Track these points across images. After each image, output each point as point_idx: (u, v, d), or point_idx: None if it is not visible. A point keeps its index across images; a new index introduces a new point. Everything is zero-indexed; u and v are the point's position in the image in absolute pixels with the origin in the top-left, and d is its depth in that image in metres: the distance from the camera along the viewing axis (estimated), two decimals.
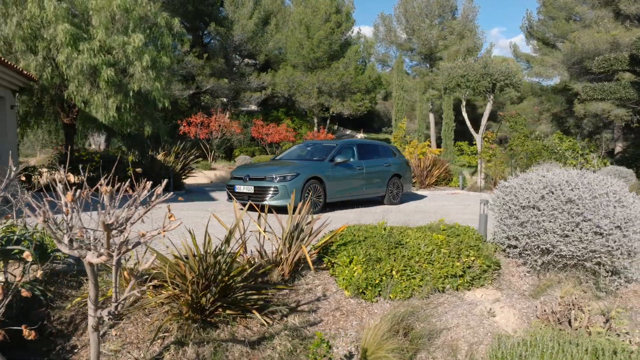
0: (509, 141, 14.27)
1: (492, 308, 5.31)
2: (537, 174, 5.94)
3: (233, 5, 31.31)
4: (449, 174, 17.03)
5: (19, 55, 13.10)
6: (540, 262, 5.63)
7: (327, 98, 31.92)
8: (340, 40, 32.20)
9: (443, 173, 16.58)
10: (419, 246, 5.34)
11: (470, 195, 15.53)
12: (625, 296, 5.74)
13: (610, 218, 5.26)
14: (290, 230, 5.12)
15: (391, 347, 4.34)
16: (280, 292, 4.97)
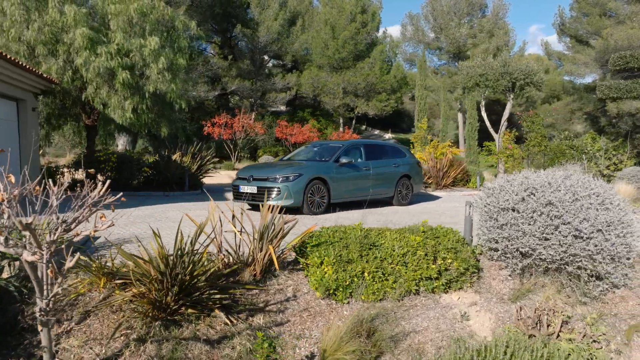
0: (525, 141, 13.95)
1: (468, 312, 5.24)
2: (522, 175, 5.81)
3: (259, 7, 31.63)
4: (467, 174, 16.75)
5: (41, 59, 13.56)
6: (520, 266, 5.50)
7: (352, 98, 31.89)
8: (365, 40, 32.10)
9: (460, 174, 16.32)
10: (393, 248, 5.30)
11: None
12: (612, 302, 5.56)
13: (591, 221, 5.10)
14: (261, 231, 5.16)
15: (351, 349, 4.33)
16: (250, 292, 5.02)
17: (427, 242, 5.48)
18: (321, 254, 5.18)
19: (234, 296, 4.89)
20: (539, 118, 13.83)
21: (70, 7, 12.99)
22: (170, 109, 15.45)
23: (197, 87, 27.58)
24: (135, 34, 13.99)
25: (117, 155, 13.79)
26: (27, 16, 13.30)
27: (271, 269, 5.33)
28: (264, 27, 30.43)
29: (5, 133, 12.26)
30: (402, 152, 12.75)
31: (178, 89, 14.65)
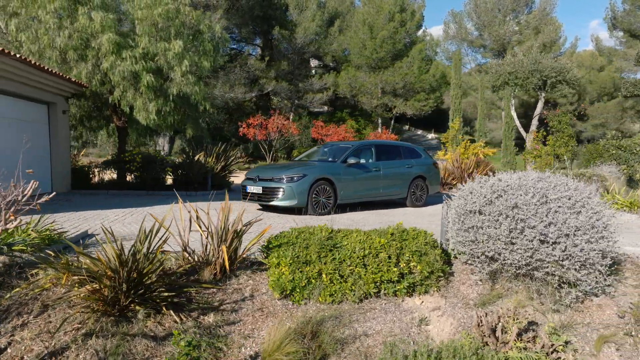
0: (551, 141, 13.41)
1: (429, 316, 5.13)
2: (496, 177, 5.64)
3: (297, 8, 31.88)
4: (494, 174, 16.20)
5: (72, 64, 14.21)
6: (487, 270, 5.33)
7: (391, 98, 31.62)
8: (404, 39, 31.76)
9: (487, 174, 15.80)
10: (354, 249, 5.25)
11: None
12: (588, 310, 5.29)
13: (558, 225, 4.88)
14: (219, 231, 5.24)
15: (291, 350, 4.34)
16: (207, 290, 5.11)
17: (392, 244, 5.40)
18: (279, 254, 5.20)
19: (188, 294, 4.99)
20: (565, 117, 13.24)
21: (97, 14, 13.53)
22: (195, 111, 15.81)
23: (235, 89, 28.13)
24: (160, 38, 14.41)
25: (141, 155, 14.26)
26: (60, 23, 13.95)
27: (232, 269, 5.40)
28: (301, 29, 30.64)
29: (37, 135, 12.91)
30: (417, 152, 12.56)
31: (202, 90, 14.97)
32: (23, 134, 12.16)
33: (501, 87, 16.73)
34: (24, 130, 12.27)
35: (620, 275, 5.92)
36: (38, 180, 13.05)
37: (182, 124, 16.10)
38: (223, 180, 15.83)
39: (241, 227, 5.36)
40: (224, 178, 15.87)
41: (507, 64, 16.21)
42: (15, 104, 11.83)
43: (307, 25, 30.64)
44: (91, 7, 13.88)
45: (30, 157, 12.49)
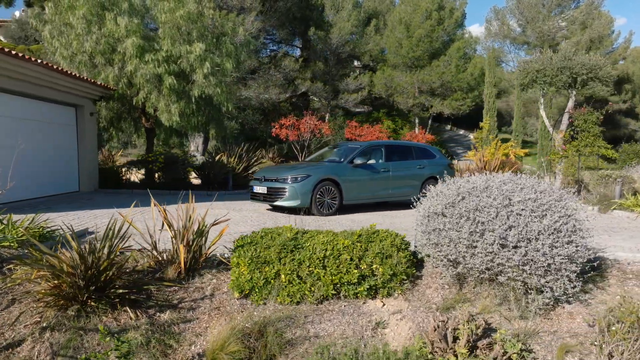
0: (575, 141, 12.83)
1: (388, 320, 5.06)
2: (465, 179, 5.49)
3: (333, 9, 31.87)
4: None
5: (100, 68, 14.79)
6: (451, 274, 5.20)
7: (427, 97, 31.13)
8: (441, 37, 31.18)
9: None
10: (314, 250, 5.24)
11: None
12: (558, 318, 5.08)
13: (519, 229, 4.71)
14: (180, 230, 5.34)
15: (234, 349, 4.39)
16: (169, 288, 5.23)
17: (356, 245, 5.35)
18: (240, 254, 5.25)
19: (149, 292, 5.12)
20: (592, 116, 12.64)
21: (122, 19, 14.02)
22: (217, 112, 16.11)
23: (269, 90, 28.41)
24: (183, 41, 14.76)
25: (164, 156, 14.66)
26: (88, 29, 14.53)
27: (197, 267, 5.50)
28: (336, 29, 30.60)
29: (65, 137, 13.52)
30: (431, 153, 12.35)
31: (224, 92, 15.23)
32: (51, 136, 12.80)
33: (529, 86, 16.19)
34: (53, 133, 12.89)
35: (604, 282, 5.65)
36: (66, 180, 13.72)
37: (205, 125, 16.44)
38: (245, 180, 16.07)
39: (202, 227, 5.45)
40: (246, 178, 16.09)
41: (535, 61, 15.64)
42: (43, 108, 12.41)
43: (342, 25, 30.55)
44: (118, 13, 14.40)
45: (58, 158, 13.12)
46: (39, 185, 12.17)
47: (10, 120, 11.14)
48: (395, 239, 5.58)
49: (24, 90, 11.31)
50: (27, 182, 11.59)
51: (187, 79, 15.10)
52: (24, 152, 11.66)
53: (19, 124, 11.45)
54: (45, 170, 12.46)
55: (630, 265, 6.01)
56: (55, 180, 12.98)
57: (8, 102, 11.01)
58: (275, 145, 29.08)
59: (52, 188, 12.84)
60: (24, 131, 11.65)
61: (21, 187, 11.34)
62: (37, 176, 12.05)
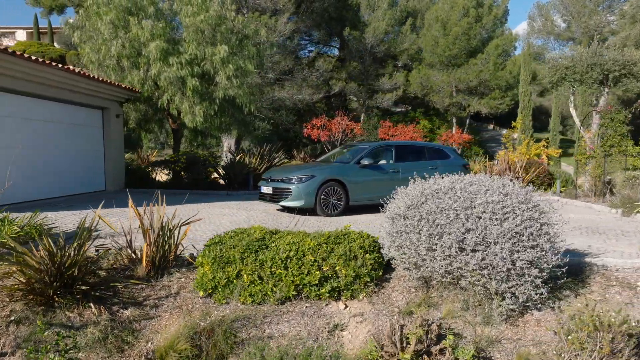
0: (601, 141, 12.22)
1: (348, 322, 5.01)
2: (432, 180, 5.37)
3: (369, 8, 31.73)
4: (551, 177, 15.16)
5: (127, 71, 15.29)
6: (415, 277, 5.09)
7: (464, 96, 30.50)
8: (479, 35, 30.48)
9: (539, 177, 14.82)
10: (278, 251, 5.25)
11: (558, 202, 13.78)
12: (525, 325, 4.89)
13: (477, 232, 4.57)
14: (147, 229, 5.46)
15: (183, 347, 4.46)
16: (137, 286, 5.36)
17: (322, 246, 5.33)
18: (204, 254, 5.33)
19: (116, 289, 5.27)
20: (619, 115, 12.00)
21: (147, 23, 14.45)
22: (240, 113, 16.33)
23: (303, 90, 28.57)
24: (207, 43, 15.06)
25: (186, 156, 15.00)
26: (115, 33, 15.05)
27: (167, 266, 5.62)
28: (371, 28, 30.46)
29: (92, 138, 14.07)
30: (445, 153, 12.11)
31: (246, 93, 15.44)
32: (79, 138, 13.36)
33: (558, 83, 15.55)
34: (80, 134, 13.45)
35: (585, 288, 5.41)
36: (92, 179, 14.25)
37: (229, 126, 16.71)
38: None
39: (167, 226, 5.55)
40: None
41: (564, 58, 15.01)
42: (71, 110, 12.99)
43: (377, 24, 30.39)
44: (144, 17, 14.85)
45: (85, 158, 13.68)
46: (66, 184, 12.74)
47: (41, 124, 11.75)
48: (365, 241, 5.52)
49: (53, 95, 11.88)
50: (56, 181, 12.19)
51: (210, 81, 15.40)
52: (54, 153, 12.26)
53: (49, 126, 12.05)
54: (72, 170, 13.02)
55: (618, 272, 5.72)
56: (83, 179, 13.54)
57: (36, 106, 11.60)
58: (309, 146, 29.24)
59: (79, 187, 13.39)
60: (54, 133, 12.23)
61: (49, 185, 11.94)
62: (65, 176, 12.62)
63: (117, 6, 14.81)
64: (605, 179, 12.25)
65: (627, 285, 5.39)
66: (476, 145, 32.71)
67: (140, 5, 15.09)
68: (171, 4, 16.42)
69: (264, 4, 27.10)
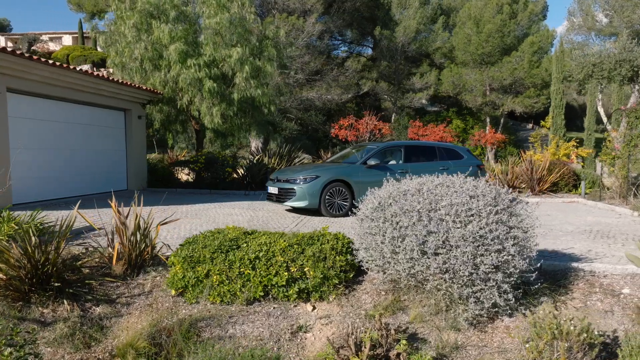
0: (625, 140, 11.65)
1: (313, 324, 4.98)
2: (404, 181, 5.26)
3: (400, 7, 31.39)
4: (577, 178, 14.58)
5: (149, 73, 15.65)
6: (382, 279, 5.00)
7: (498, 95, 29.74)
8: (514, 32, 29.64)
9: (564, 178, 14.28)
10: (247, 252, 5.25)
11: (580, 203, 13.26)
12: (494, 331, 4.73)
13: (439, 235, 4.45)
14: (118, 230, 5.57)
15: (141, 345, 4.53)
16: (113, 284, 5.48)
17: (294, 247, 5.31)
18: (177, 253, 5.40)
19: (91, 286, 5.40)
20: None
21: (166, 26, 14.76)
22: (260, 114, 16.45)
23: (331, 91, 28.52)
24: (225, 45, 15.25)
25: (205, 157, 15.23)
26: (138, 36, 15.43)
27: (143, 265, 5.72)
28: (401, 27, 30.12)
29: (114, 139, 14.48)
30: (458, 153, 11.86)
31: (264, 93, 15.55)
32: (102, 139, 13.79)
33: (585, 81, 14.91)
34: (103, 135, 13.88)
35: (566, 295, 5.20)
36: (115, 179, 14.66)
37: (249, 127, 16.86)
38: None
39: (138, 226, 5.64)
40: None
41: (592, 55, 14.38)
42: (94, 113, 13.43)
43: (408, 23, 30.01)
44: (165, 21, 15.16)
45: (108, 159, 14.10)
46: (88, 184, 13.17)
47: (63, 125, 12.22)
48: (338, 242, 5.47)
49: (75, 97, 12.31)
50: (77, 180, 12.63)
51: (228, 82, 15.59)
52: (76, 153, 12.70)
53: (71, 127, 12.50)
54: (94, 170, 13.44)
55: (606, 278, 5.46)
56: (105, 179, 13.95)
57: (59, 108, 12.07)
58: (338, 146, 29.14)
59: (102, 186, 13.79)
60: (76, 134, 12.67)
61: (71, 185, 12.37)
62: (87, 175, 13.06)
63: (140, 10, 15.18)
64: (630, 180, 11.71)
65: (611, 293, 5.14)
66: (511, 145, 31.87)
67: (162, 8, 15.41)
68: (195, 6, 16.70)
69: (293, 5, 27.22)
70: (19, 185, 10.45)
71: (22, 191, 10.47)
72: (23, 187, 10.56)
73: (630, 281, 5.32)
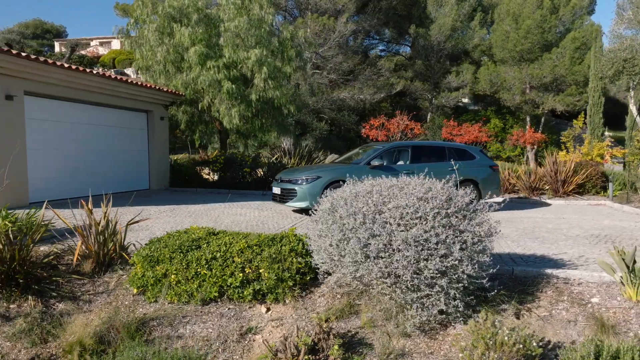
0: None
1: (265, 326, 4.94)
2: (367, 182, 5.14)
3: (436, 4, 30.83)
4: (605, 180, 13.84)
5: (172, 75, 16.01)
6: (332, 282, 4.90)
7: (538, 93, 28.69)
8: (555, 28, 28.53)
9: (591, 179, 13.59)
10: (204, 252, 5.27)
11: (606, 206, 12.61)
12: (445, 339, 4.55)
13: (382, 238, 4.32)
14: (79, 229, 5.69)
15: (89, 343, 4.62)
16: (80, 281, 5.61)
17: (251, 248, 5.28)
18: (139, 252, 5.47)
19: (58, 283, 5.55)
20: None
21: (186, 29, 15.04)
22: (279, 114, 16.51)
23: (363, 91, 28.32)
24: (245, 47, 15.41)
25: (224, 157, 15.44)
26: (161, 40, 15.81)
27: (111, 263, 5.83)
28: (436, 25, 29.58)
29: (137, 140, 14.90)
30: (469, 154, 11.51)
31: (284, 95, 15.61)
32: (125, 140, 14.24)
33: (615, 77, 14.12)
34: (126, 136, 14.33)
35: (533, 302, 4.95)
36: (137, 178, 15.09)
37: (269, 128, 16.96)
38: None
39: (106, 226, 5.75)
40: None
41: (622, 50, 13.60)
42: (118, 114, 13.91)
43: (443, 21, 29.43)
44: (186, 24, 15.45)
45: (131, 159, 14.53)
46: (111, 183, 13.58)
47: (86, 127, 12.72)
48: (299, 244, 5.40)
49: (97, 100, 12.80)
50: (99, 180, 13.06)
51: (247, 83, 15.73)
52: (99, 154, 13.16)
53: (94, 129, 12.98)
54: (117, 170, 13.88)
55: (580, 286, 5.16)
56: (127, 179, 14.38)
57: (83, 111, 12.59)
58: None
59: (124, 186, 14.22)
60: (99, 136, 13.15)
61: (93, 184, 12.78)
62: (109, 175, 13.50)
63: (162, 14, 15.54)
64: None
65: (579, 301, 4.85)
66: (553, 145, 30.68)
67: (185, 12, 15.71)
68: (218, 9, 16.93)
69: (325, 5, 27.23)
70: (36, 184, 10.90)
71: (38, 190, 10.89)
72: (39, 186, 11.00)
73: (602, 290, 5.02)
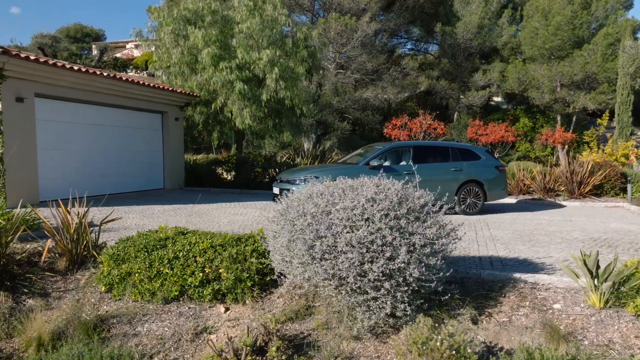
0: None
1: (220, 326, 4.95)
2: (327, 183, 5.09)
3: (463, 2, 30.28)
4: (624, 181, 13.27)
5: (187, 76, 16.26)
6: (288, 283, 4.87)
7: (568, 92, 27.79)
8: (587, 24, 27.57)
9: (610, 180, 13.06)
10: (167, 252, 5.32)
11: (623, 209, 12.12)
12: (394, 342, 4.46)
13: (327, 240, 4.26)
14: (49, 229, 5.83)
15: (46, 339, 4.74)
16: (53, 278, 5.76)
17: (214, 248, 5.31)
18: (107, 251, 5.57)
19: (31, 280, 5.70)
20: None
21: (199, 31, 15.25)
22: (292, 114, 16.55)
23: (387, 90, 28.06)
24: (258, 48, 15.51)
25: (236, 157, 15.58)
26: (176, 42, 16.09)
27: (86, 261, 5.96)
28: (462, 23, 29.06)
29: (152, 140, 15.22)
30: (475, 154, 11.26)
31: (296, 95, 15.64)
32: (140, 140, 14.56)
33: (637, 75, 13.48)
34: (142, 137, 14.67)
35: (494, 308, 4.81)
36: (152, 178, 15.41)
37: (282, 128, 17.02)
38: None
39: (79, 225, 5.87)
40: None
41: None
42: (134, 116, 14.29)
43: (469, 18, 28.89)
44: (200, 26, 15.66)
45: (146, 159, 14.86)
46: (126, 183, 13.97)
47: (102, 128, 13.12)
48: (261, 245, 5.40)
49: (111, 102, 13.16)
50: (115, 180, 13.47)
51: (260, 84, 15.82)
52: (114, 154, 13.51)
53: (109, 130, 13.34)
54: (132, 170, 14.23)
55: (546, 292, 4.99)
56: (143, 178, 14.71)
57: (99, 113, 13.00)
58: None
59: (139, 185, 14.56)
60: (113, 136, 13.50)
61: (110, 183, 13.16)
62: (123, 175, 13.88)
63: (177, 17, 15.81)
64: None
65: (540, 307, 4.68)
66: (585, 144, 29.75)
67: (200, 14, 15.93)
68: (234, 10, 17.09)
69: (348, 4, 27.11)
70: (46, 183, 11.25)
71: (49, 189, 11.24)
72: (50, 185, 11.34)
73: (568, 296, 4.82)
